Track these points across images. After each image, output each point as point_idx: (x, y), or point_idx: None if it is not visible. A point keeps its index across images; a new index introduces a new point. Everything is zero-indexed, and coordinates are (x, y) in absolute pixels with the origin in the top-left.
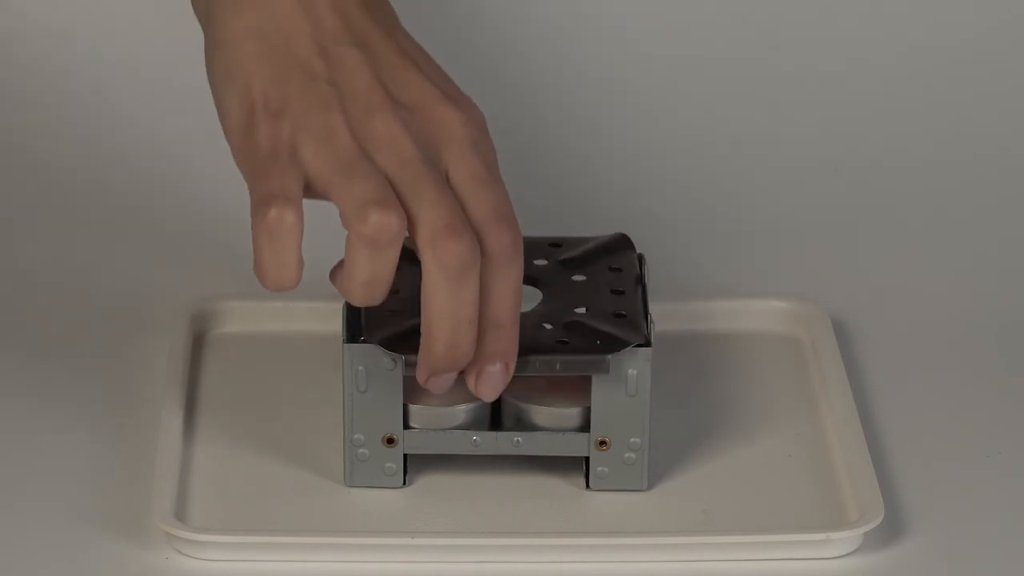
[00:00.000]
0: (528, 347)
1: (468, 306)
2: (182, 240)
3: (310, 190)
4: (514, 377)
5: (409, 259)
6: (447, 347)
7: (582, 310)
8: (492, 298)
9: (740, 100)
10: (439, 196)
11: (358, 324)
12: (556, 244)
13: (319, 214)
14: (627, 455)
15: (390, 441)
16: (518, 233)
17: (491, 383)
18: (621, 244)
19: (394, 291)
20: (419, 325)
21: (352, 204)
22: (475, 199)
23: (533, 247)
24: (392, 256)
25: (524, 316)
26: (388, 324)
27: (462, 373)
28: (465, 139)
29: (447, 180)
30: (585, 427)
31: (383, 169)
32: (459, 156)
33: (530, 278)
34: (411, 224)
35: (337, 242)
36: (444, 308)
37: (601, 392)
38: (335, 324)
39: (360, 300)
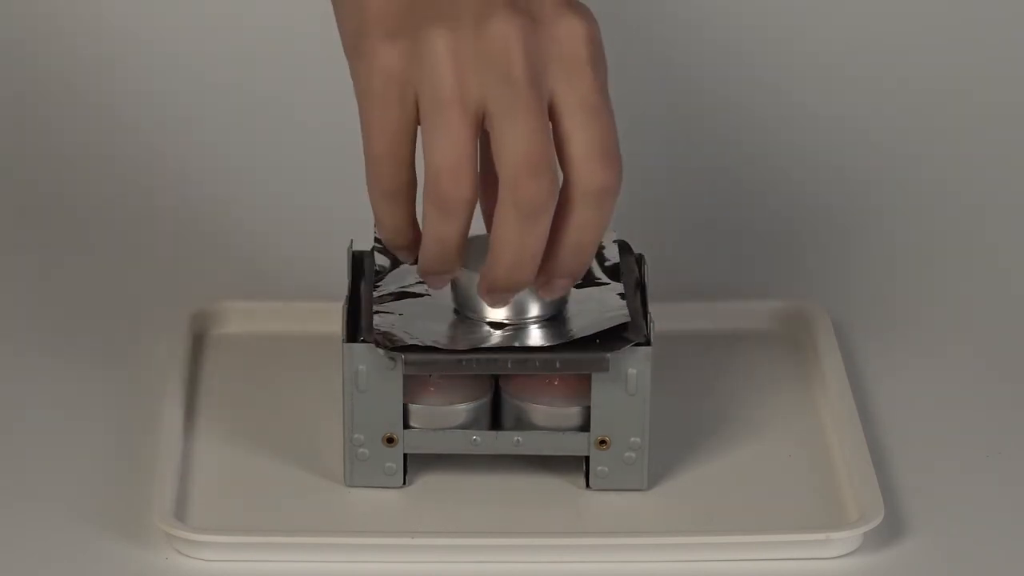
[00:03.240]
0: (528, 346)
1: (535, 243)
2: (182, 241)
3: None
4: (514, 376)
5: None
6: (508, 272)
7: None
8: (579, 227)
9: (740, 101)
10: (530, 127)
11: (358, 324)
12: None
13: (319, 215)
14: (627, 454)
15: (390, 441)
16: (618, 169)
17: (555, 293)
18: (620, 249)
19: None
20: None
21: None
22: (580, 131)
23: None
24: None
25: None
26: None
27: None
28: (584, 59)
29: (552, 103)
30: (585, 426)
31: (482, 85)
32: (573, 79)
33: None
34: (495, 150)
35: (339, 242)
36: (511, 241)
37: (601, 391)
38: (335, 324)
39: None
